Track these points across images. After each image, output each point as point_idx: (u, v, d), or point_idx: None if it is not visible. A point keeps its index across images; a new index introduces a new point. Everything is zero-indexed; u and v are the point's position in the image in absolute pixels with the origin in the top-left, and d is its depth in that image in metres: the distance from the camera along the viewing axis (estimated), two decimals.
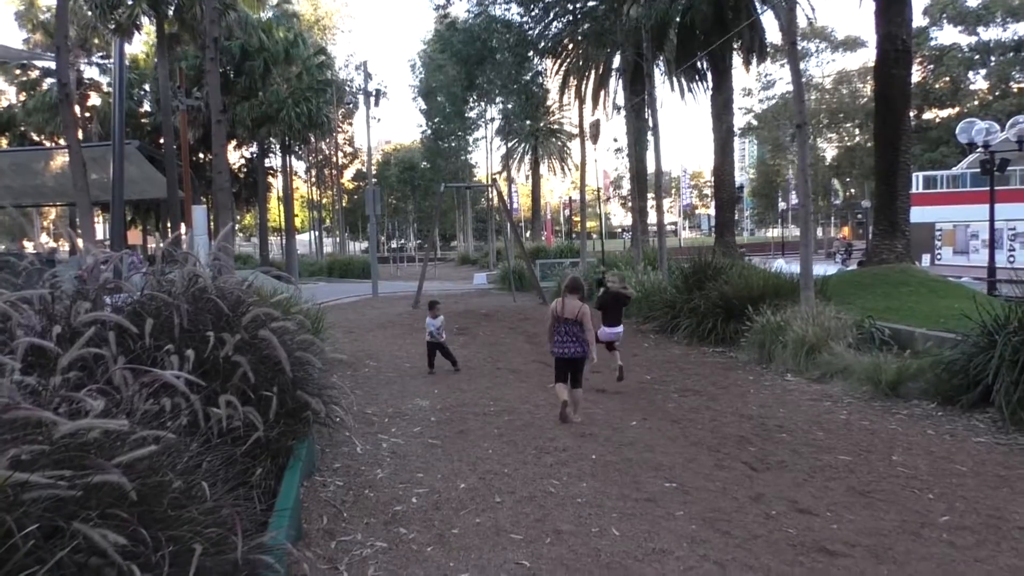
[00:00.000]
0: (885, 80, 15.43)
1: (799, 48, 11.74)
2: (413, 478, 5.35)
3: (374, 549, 4.11)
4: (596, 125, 21.73)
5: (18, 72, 37.96)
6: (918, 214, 25.29)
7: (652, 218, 31.73)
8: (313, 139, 42.42)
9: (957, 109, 48.35)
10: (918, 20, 46.15)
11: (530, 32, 24.05)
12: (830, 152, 57.00)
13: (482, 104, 44.99)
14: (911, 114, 18.59)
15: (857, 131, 51.98)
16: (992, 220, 18.40)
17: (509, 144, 54.12)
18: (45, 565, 2.25)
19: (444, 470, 5.52)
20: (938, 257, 37.47)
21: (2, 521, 2.24)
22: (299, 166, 53.21)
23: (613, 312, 8.87)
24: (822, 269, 14.72)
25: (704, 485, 5.05)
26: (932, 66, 49.42)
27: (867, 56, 49.85)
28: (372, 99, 26.39)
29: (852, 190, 60.05)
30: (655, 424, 6.79)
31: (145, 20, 26.69)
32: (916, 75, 45.75)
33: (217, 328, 4.36)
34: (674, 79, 29.69)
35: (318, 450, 5.72)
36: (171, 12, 25.77)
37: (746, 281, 11.46)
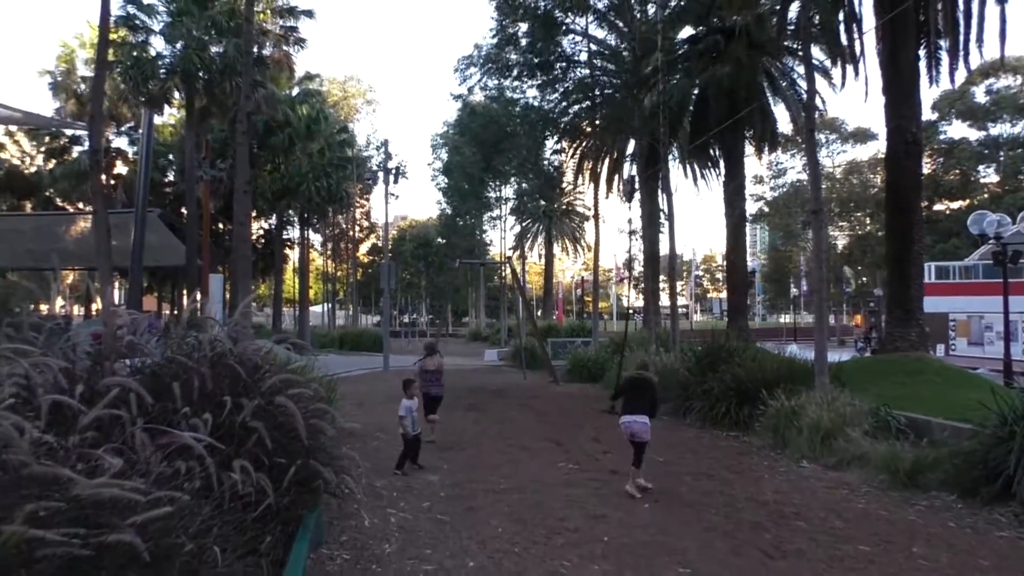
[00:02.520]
0: (896, 171, 15.65)
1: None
2: (421, 554, 5.25)
3: None
4: (632, 182, 21.97)
5: (48, 139, 39.05)
6: (931, 304, 25.16)
7: (664, 300, 31.82)
8: (331, 213, 43.11)
9: (968, 201, 48.75)
10: (927, 114, 47.09)
11: (551, 114, 24.70)
12: (841, 240, 57.31)
13: (498, 184, 45.83)
14: (922, 205, 18.79)
15: (868, 220, 52.34)
16: (1007, 312, 18.34)
17: (523, 224, 54.83)
18: None
19: (453, 547, 5.42)
20: (952, 348, 37.14)
21: None
22: (315, 239, 53.99)
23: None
24: (836, 356, 14.62)
25: (720, 572, 4.92)
26: (942, 159, 50.09)
27: (877, 147, 50.67)
28: (391, 176, 26.92)
29: (864, 278, 60.12)
30: (668, 507, 6.66)
31: (176, 94, 27.59)
32: (926, 167, 46.37)
33: (234, 393, 4.37)
34: (687, 165, 30.22)
35: (326, 522, 5.63)
36: (201, 87, 26.63)
37: (760, 365, 11.39)
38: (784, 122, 30.27)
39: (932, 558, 5.24)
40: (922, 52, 16.11)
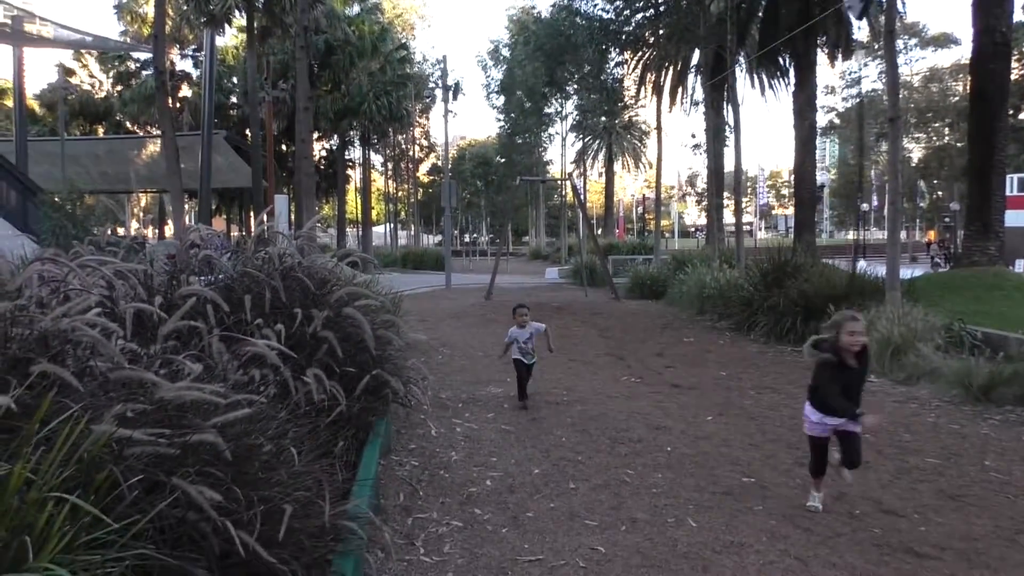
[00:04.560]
0: (982, 75, 14.76)
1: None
2: (487, 462, 5.39)
3: (450, 528, 4.17)
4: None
5: (116, 64, 39.77)
6: (1013, 218, 24.02)
7: (728, 217, 31.20)
8: (392, 132, 43.13)
9: None
10: (1019, 15, 43.81)
11: (612, 26, 23.92)
12: (917, 153, 54.83)
13: (559, 99, 44.99)
14: (1008, 112, 17.76)
15: (947, 130, 49.83)
16: None
17: (584, 140, 53.98)
18: (147, 515, 2.35)
19: (517, 455, 5.55)
20: None
21: (110, 472, 2.35)
22: (376, 159, 54.24)
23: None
24: (908, 273, 14.20)
25: (783, 481, 4.94)
26: None
27: (961, 52, 47.80)
28: (450, 92, 26.65)
29: (939, 192, 57.69)
30: (731, 420, 6.67)
31: (236, 13, 27.61)
32: (1014, 72, 43.44)
33: (304, 305, 4.48)
34: (754, 75, 29.06)
35: (394, 431, 5.82)
36: (261, 4, 26.53)
37: (827, 280, 11.15)
38: (860, 27, 28.69)
39: (1004, 471, 5.15)
40: None
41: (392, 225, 57.77)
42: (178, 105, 37.86)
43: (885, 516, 4.32)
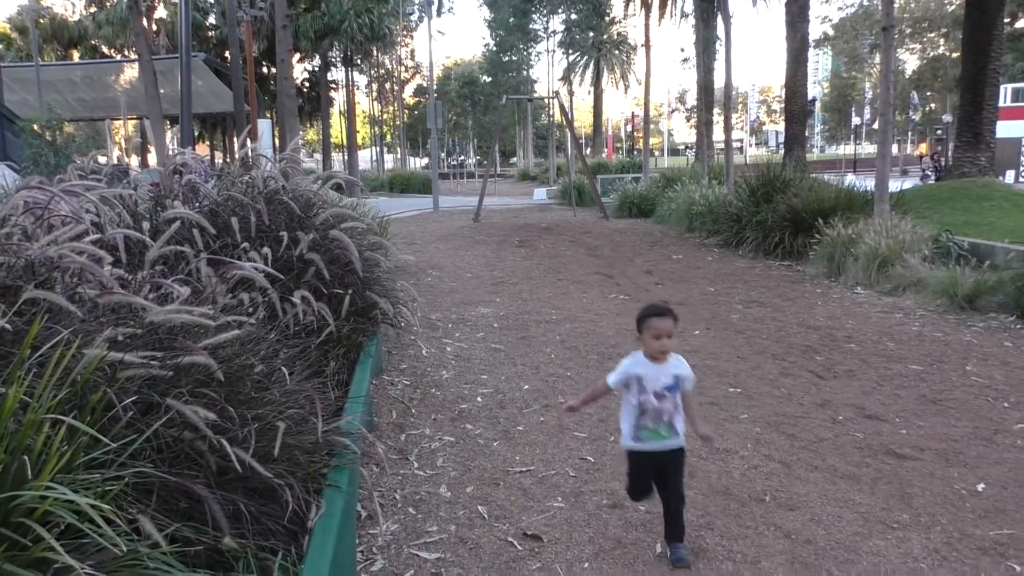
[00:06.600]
0: None
1: None
2: (478, 379, 5.48)
3: (442, 442, 4.27)
4: None
5: None
6: (1004, 128, 23.87)
7: (717, 134, 30.89)
8: (375, 52, 42.12)
9: None
10: None
11: None
12: (911, 64, 54.02)
13: (545, 14, 43.86)
14: (1004, 20, 17.42)
15: (942, 41, 48.96)
16: None
17: (571, 57, 52.86)
18: (143, 435, 2.39)
19: (508, 373, 5.63)
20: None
21: (104, 394, 2.38)
22: (360, 81, 53.09)
23: None
24: (898, 186, 14.20)
25: (769, 391, 5.04)
26: None
27: None
28: (434, 9, 25.90)
29: (932, 105, 57.08)
30: (719, 333, 6.76)
31: None
32: None
33: (290, 228, 4.46)
34: None
35: (385, 352, 5.88)
36: None
37: (816, 194, 11.13)
38: None
39: (985, 375, 5.27)
40: None
41: (378, 148, 56.94)
42: (154, 27, 36.70)
43: (867, 421, 4.44)
